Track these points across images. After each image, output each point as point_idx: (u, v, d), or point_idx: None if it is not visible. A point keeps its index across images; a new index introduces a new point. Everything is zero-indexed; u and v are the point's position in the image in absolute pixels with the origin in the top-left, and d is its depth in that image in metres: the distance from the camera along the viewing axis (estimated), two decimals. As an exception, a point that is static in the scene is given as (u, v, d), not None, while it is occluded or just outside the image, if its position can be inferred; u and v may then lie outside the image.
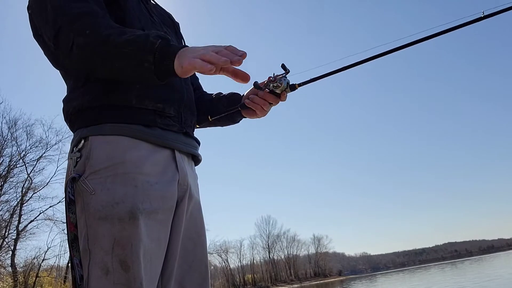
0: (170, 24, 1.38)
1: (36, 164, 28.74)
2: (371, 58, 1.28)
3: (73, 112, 1.12)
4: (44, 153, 28.95)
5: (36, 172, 28.85)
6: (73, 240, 1.02)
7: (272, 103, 1.30)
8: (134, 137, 1.08)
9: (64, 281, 32.83)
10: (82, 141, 1.08)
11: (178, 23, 1.44)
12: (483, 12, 1.22)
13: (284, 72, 1.26)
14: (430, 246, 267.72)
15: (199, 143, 1.30)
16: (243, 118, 1.42)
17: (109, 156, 1.05)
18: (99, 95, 1.09)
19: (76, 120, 1.12)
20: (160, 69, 0.95)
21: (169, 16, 1.41)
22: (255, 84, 1.28)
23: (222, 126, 1.48)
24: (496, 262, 27.46)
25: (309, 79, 1.32)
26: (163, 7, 1.43)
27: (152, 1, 1.34)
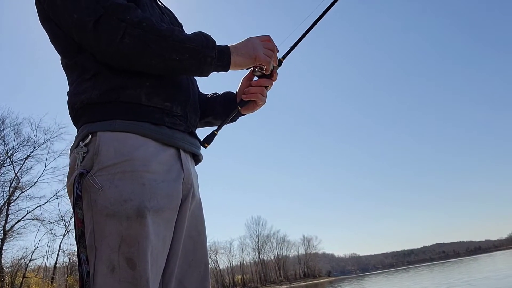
0: (177, 25, 1.40)
1: (23, 163, 28.53)
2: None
3: (81, 106, 1.11)
4: (32, 152, 28.75)
5: (24, 171, 28.64)
6: (80, 236, 1.01)
7: (267, 86, 1.32)
8: (143, 135, 1.08)
9: (52, 282, 32.52)
10: (90, 136, 1.07)
11: (181, 24, 1.45)
12: None
13: None
14: (419, 247, 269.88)
15: (201, 143, 1.31)
16: (242, 116, 1.43)
17: (118, 152, 1.04)
18: (108, 90, 1.09)
19: (83, 114, 1.11)
20: (220, 63, 1.13)
21: (174, 17, 1.42)
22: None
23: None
24: (474, 265, 27.68)
25: (289, 48, 1.33)
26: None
27: (160, 2, 1.35)
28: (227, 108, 1.40)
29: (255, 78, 1.32)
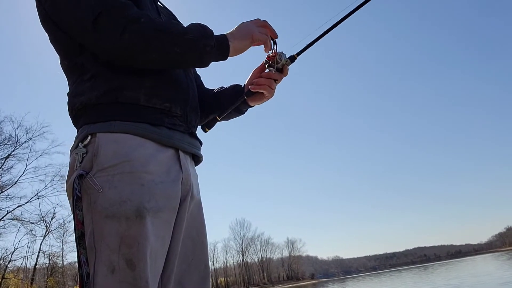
0: None
1: (4, 162, 27.95)
2: (357, 8, 1.30)
3: (80, 108, 1.11)
4: (13, 151, 28.22)
5: (4, 170, 28.07)
6: (80, 238, 1.01)
7: (277, 80, 1.33)
8: (141, 135, 1.09)
9: (31, 283, 31.98)
10: (89, 137, 1.07)
11: (181, 23, 1.43)
12: None
13: (275, 45, 1.29)
14: (401, 250, 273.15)
15: (201, 144, 1.31)
16: (250, 108, 1.44)
17: (117, 154, 1.05)
18: (107, 91, 1.09)
19: (82, 116, 1.12)
20: (219, 51, 1.15)
21: (174, 17, 1.43)
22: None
23: (228, 119, 1.48)
24: (446, 270, 27.99)
25: (304, 46, 1.33)
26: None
27: (160, 3, 1.37)
28: (234, 101, 1.40)
29: (266, 70, 1.33)
